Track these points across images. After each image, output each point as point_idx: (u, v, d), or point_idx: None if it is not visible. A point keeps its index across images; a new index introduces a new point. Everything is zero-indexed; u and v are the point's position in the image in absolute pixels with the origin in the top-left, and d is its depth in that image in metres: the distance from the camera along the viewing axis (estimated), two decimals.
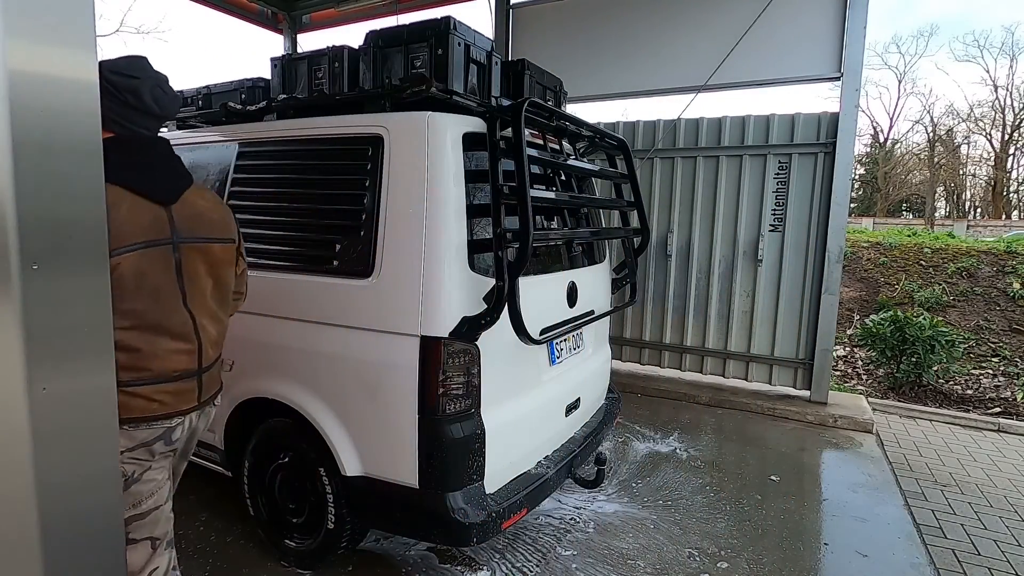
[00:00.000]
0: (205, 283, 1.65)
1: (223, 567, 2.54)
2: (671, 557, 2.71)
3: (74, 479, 0.83)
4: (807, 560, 2.73)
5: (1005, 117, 28.04)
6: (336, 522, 2.31)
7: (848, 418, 4.55)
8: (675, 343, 5.45)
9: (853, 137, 4.68)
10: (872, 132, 31.74)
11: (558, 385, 2.65)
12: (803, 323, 4.92)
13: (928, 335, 5.81)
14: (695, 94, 5.15)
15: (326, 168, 2.36)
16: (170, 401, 1.57)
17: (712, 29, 5.08)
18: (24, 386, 0.75)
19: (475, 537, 2.11)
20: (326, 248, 2.29)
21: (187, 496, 3.11)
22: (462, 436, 2.09)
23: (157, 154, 1.60)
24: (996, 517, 3.28)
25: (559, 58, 5.54)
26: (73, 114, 0.79)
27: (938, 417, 5.06)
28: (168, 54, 32.06)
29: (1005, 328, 7.56)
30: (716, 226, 5.17)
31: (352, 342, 2.18)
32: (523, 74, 2.71)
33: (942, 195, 32.63)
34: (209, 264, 1.66)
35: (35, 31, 0.75)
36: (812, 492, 3.49)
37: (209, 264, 1.66)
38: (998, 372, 6.75)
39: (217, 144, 2.71)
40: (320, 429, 2.24)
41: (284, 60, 2.70)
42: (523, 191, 2.03)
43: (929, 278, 8.79)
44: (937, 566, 2.73)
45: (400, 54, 2.37)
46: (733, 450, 4.02)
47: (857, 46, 4.57)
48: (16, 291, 0.73)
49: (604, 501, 3.21)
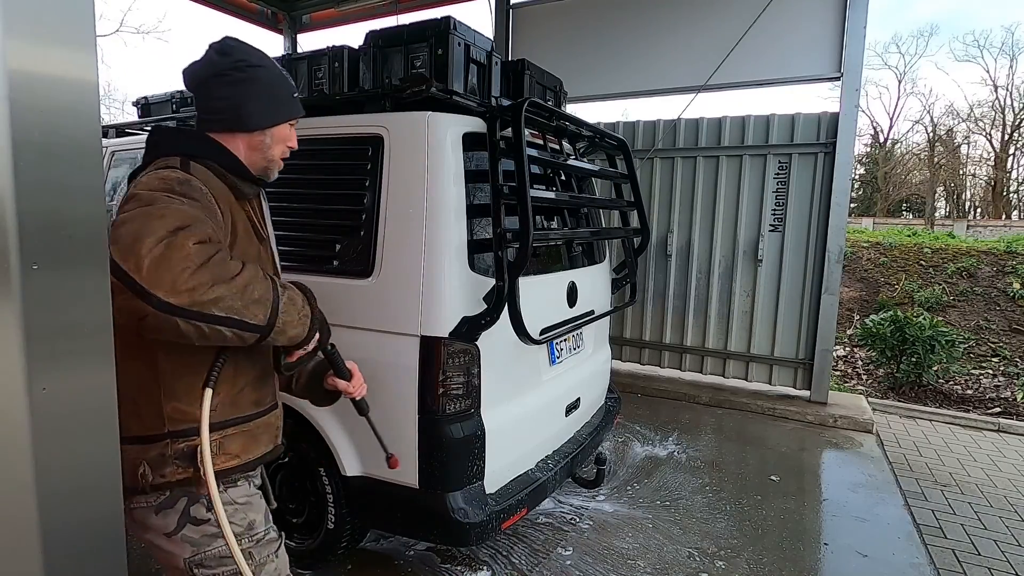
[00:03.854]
0: None
1: None
2: (671, 557, 2.71)
3: (74, 479, 0.83)
4: (807, 560, 2.73)
5: (1005, 117, 28.03)
6: (336, 522, 2.31)
7: (848, 418, 4.55)
8: (675, 343, 5.45)
9: (853, 137, 4.68)
10: (872, 132, 31.74)
11: (558, 385, 2.65)
12: (803, 323, 4.92)
13: (928, 335, 5.81)
14: (695, 94, 5.15)
15: (326, 168, 2.36)
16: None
17: (712, 29, 5.08)
18: (24, 386, 0.75)
19: (475, 537, 2.11)
20: (326, 248, 2.29)
21: None
22: (462, 436, 2.09)
23: None
24: (996, 517, 3.28)
25: (559, 58, 5.54)
26: (73, 114, 0.79)
27: (938, 417, 5.06)
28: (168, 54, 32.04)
29: (1005, 328, 7.56)
30: (716, 226, 5.17)
31: (352, 342, 2.18)
32: (523, 74, 2.71)
33: (942, 195, 32.62)
34: None
35: (35, 31, 0.74)
36: (812, 492, 3.49)
37: None
38: (998, 372, 6.75)
39: None
40: (320, 429, 2.24)
41: (284, 60, 2.70)
42: (523, 191, 2.03)
43: (929, 278, 8.79)
44: (937, 566, 2.73)
45: (400, 54, 2.37)
46: (733, 450, 4.02)
47: (857, 46, 4.57)
48: (16, 291, 0.73)
49: (604, 501, 3.21)
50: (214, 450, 1.19)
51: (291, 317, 1.15)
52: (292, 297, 1.17)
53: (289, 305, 1.15)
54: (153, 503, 1.20)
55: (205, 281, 1.01)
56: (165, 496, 1.20)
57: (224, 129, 1.28)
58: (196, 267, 1.01)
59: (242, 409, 1.28)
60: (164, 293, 0.98)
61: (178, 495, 1.20)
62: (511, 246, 2.07)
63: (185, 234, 1.03)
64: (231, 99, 1.26)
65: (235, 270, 1.07)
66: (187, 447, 1.19)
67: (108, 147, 3.25)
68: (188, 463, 1.19)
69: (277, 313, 1.11)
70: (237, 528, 1.23)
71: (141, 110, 3.54)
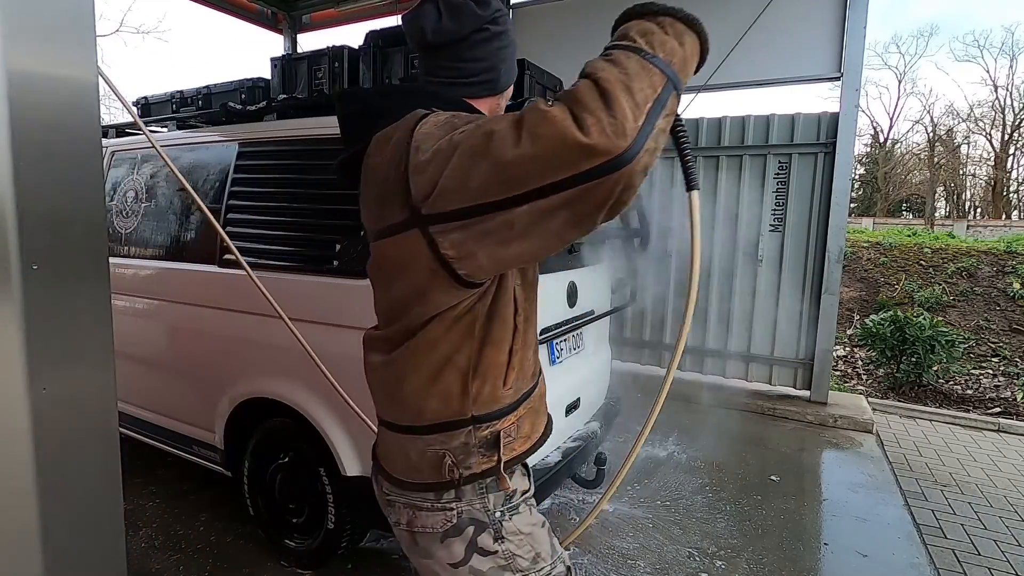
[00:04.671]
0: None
1: (223, 567, 2.54)
2: (671, 557, 2.71)
3: (74, 479, 0.83)
4: (807, 560, 2.73)
5: (1005, 117, 28.02)
6: (336, 522, 2.31)
7: (848, 418, 4.55)
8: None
9: (853, 137, 4.68)
10: (872, 132, 31.73)
11: (558, 385, 2.64)
12: (803, 323, 4.92)
13: (928, 335, 5.81)
14: (695, 94, 5.15)
15: (326, 168, 2.36)
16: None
17: (712, 29, 4.92)
18: (24, 386, 0.75)
19: None
20: (326, 248, 2.29)
21: (187, 496, 3.11)
22: None
23: None
24: (996, 517, 3.28)
25: (560, 58, 5.54)
26: (73, 114, 0.79)
27: (938, 417, 5.06)
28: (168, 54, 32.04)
29: (1005, 328, 7.56)
30: (716, 226, 5.17)
31: (352, 342, 2.18)
32: (523, 74, 2.71)
33: (942, 195, 32.61)
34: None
35: (35, 31, 0.75)
36: (812, 492, 3.49)
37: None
38: (998, 372, 6.75)
39: (217, 144, 2.71)
40: (320, 429, 2.24)
41: (284, 60, 2.70)
42: None
43: (929, 278, 8.79)
44: (937, 566, 2.73)
45: (400, 54, 2.37)
46: (733, 450, 4.02)
47: (857, 46, 4.56)
48: (16, 291, 0.73)
49: None
50: (512, 434, 1.04)
51: (671, 47, 0.81)
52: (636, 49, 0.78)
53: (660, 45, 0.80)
54: (439, 530, 1.03)
55: (615, 101, 0.70)
56: (452, 524, 1.03)
57: (478, 95, 1.06)
58: (593, 107, 0.69)
59: (529, 380, 1.10)
60: (624, 139, 0.68)
61: (466, 522, 1.03)
62: None
63: (527, 109, 0.74)
64: (488, 59, 1.05)
65: (613, 73, 0.73)
66: (490, 433, 1.02)
67: (108, 147, 3.25)
68: (492, 450, 1.02)
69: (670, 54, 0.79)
70: (523, 562, 1.07)
71: (141, 110, 3.54)
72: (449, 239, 0.82)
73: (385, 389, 1.05)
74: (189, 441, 2.78)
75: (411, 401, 1.00)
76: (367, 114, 1.02)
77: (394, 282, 0.95)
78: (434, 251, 0.83)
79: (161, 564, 2.55)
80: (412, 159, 0.85)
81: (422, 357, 0.97)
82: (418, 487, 1.03)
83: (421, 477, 1.02)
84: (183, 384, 2.77)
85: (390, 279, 0.97)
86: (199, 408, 2.67)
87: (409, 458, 1.03)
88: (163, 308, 2.80)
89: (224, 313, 2.55)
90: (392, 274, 0.95)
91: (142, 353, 2.88)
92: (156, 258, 2.85)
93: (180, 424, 2.81)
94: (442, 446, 1.00)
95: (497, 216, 0.76)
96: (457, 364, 0.97)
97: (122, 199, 3.06)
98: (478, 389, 0.99)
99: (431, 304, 0.92)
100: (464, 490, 1.02)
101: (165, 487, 3.20)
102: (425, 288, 0.90)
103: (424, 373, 0.97)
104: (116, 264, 2.98)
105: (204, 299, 2.63)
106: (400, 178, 0.86)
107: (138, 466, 3.34)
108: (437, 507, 1.02)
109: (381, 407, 1.09)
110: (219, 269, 2.56)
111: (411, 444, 1.02)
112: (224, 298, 2.55)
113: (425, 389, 0.98)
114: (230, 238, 2.56)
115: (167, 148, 3.03)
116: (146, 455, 3.28)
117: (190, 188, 1.79)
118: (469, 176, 0.76)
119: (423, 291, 0.90)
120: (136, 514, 2.93)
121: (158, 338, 2.84)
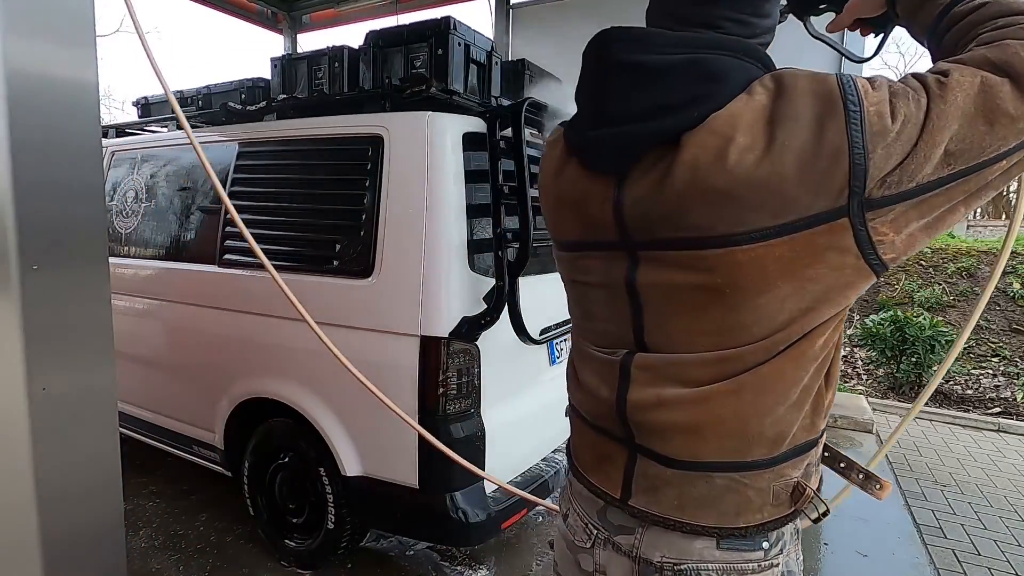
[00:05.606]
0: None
1: (223, 567, 2.54)
2: None
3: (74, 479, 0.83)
4: (807, 560, 2.72)
5: None
6: (336, 522, 2.31)
7: (848, 418, 4.55)
8: None
9: None
10: None
11: (558, 385, 2.64)
12: None
13: (928, 335, 5.81)
14: None
15: (326, 168, 2.36)
16: None
17: None
18: (24, 386, 0.75)
19: (475, 537, 2.11)
20: (326, 248, 2.29)
21: (187, 496, 3.11)
22: (462, 436, 2.09)
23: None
24: (996, 517, 3.28)
25: (559, 58, 5.54)
26: (73, 114, 0.79)
27: (938, 417, 5.06)
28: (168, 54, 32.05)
29: (1005, 328, 7.56)
30: None
31: (352, 342, 2.18)
32: (523, 74, 2.72)
33: None
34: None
35: (35, 31, 0.75)
36: None
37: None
38: (998, 372, 6.75)
39: (217, 144, 2.71)
40: (320, 429, 2.24)
41: (284, 60, 2.70)
42: (523, 191, 2.04)
43: (929, 278, 8.79)
44: (937, 566, 2.73)
45: (400, 54, 2.37)
46: None
47: (857, 46, 4.56)
48: (16, 291, 0.73)
49: None
50: (810, 474, 0.87)
51: None
52: None
53: None
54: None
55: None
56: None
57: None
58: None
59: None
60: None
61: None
62: (511, 246, 2.08)
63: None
64: (772, 14, 0.92)
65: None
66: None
67: (108, 147, 3.25)
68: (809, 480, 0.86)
69: None
70: None
71: (141, 110, 3.54)
72: (888, 218, 0.67)
73: (729, 424, 0.78)
74: (189, 441, 2.78)
75: (774, 428, 0.79)
76: (717, 73, 0.75)
77: (767, 292, 0.72)
78: (859, 239, 0.67)
79: (161, 564, 2.55)
80: (868, 131, 0.65)
81: (791, 375, 0.77)
82: (748, 532, 0.80)
83: (760, 518, 0.80)
84: (183, 384, 2.77)
85: (759, 289, 0.72)
86: (199, 408, 2.67)
87: (749, 500, 0.80)
88: (163, 308, 2.80)
89: (224, 313, 2.55)
90: (769, 281, 0.71)
91: (142, 353, 2.88)
92: (156, 258, 2.85)
93: (180, 424, 2.81)
94: (794, 469, 0.83)
95: (970, 179, 0.66)
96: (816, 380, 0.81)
97: (122, 199, 3.06)
98: (829, 402, 0.85)
99: (831, 305, 0.74)
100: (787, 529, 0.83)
101: (165, 487, 3.20)
102: (829, 287, 0.71)
103: (794, 392, 0.78)
104: (116, 264, 2.98)
105: (204, 299, 2.63)
106: (830, 157, 0.66)
107: (138, 466, 3.34)
108: (764, 565, 0.80)
109: (687, 448, 0.81)
110: (219, 269, 2.56)
111: (756, 479, 0.80)
112: (224, 298, 2.55)
113: (799, 409, 0.80)
114: (230, 238, 2.56)
115: (167, 148, 3.03)
116: (146, 455, 3.28)
117: (220, 188, 1.78)
118: (971, 137, 0.64)
119: (826, 291, 0.72)
120: (136, 514, 2.93)
121: (158, 338, 2.84)
